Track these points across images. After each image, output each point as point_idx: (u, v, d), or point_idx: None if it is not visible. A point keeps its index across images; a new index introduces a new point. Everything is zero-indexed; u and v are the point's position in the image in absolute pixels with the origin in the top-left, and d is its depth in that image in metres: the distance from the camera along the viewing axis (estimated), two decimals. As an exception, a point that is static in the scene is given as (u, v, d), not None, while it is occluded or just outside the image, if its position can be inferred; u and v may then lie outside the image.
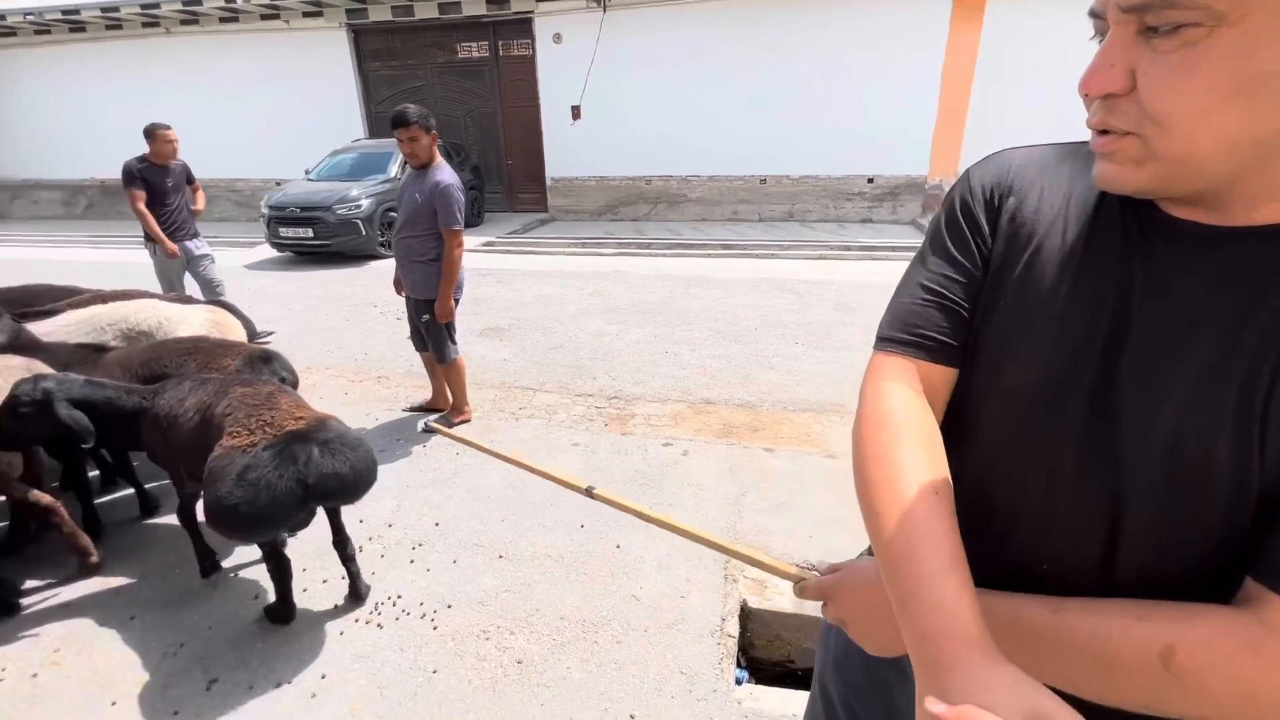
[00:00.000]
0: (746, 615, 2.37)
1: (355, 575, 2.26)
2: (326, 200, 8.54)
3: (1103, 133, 0.52)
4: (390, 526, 2.78)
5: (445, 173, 3.32)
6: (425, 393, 4.10)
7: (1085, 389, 0.56)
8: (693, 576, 2.45)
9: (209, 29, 12.63)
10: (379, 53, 12.51)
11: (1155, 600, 0.53)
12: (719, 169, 11.26)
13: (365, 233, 8.61)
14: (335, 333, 5.59)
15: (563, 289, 7.22)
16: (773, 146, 10.83)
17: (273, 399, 2.03)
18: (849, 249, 8.73)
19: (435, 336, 3.53)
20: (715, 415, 3.92)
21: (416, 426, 3.76)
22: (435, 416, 3.77)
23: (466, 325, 5.35)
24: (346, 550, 2.22)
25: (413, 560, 2.56)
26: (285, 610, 2.17)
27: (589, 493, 1.07)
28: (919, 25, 9.68)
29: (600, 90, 11.16)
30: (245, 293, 6.72)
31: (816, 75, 10.29)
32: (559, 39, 11.21)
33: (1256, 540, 0.51)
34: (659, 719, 1.87)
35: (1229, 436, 0.50)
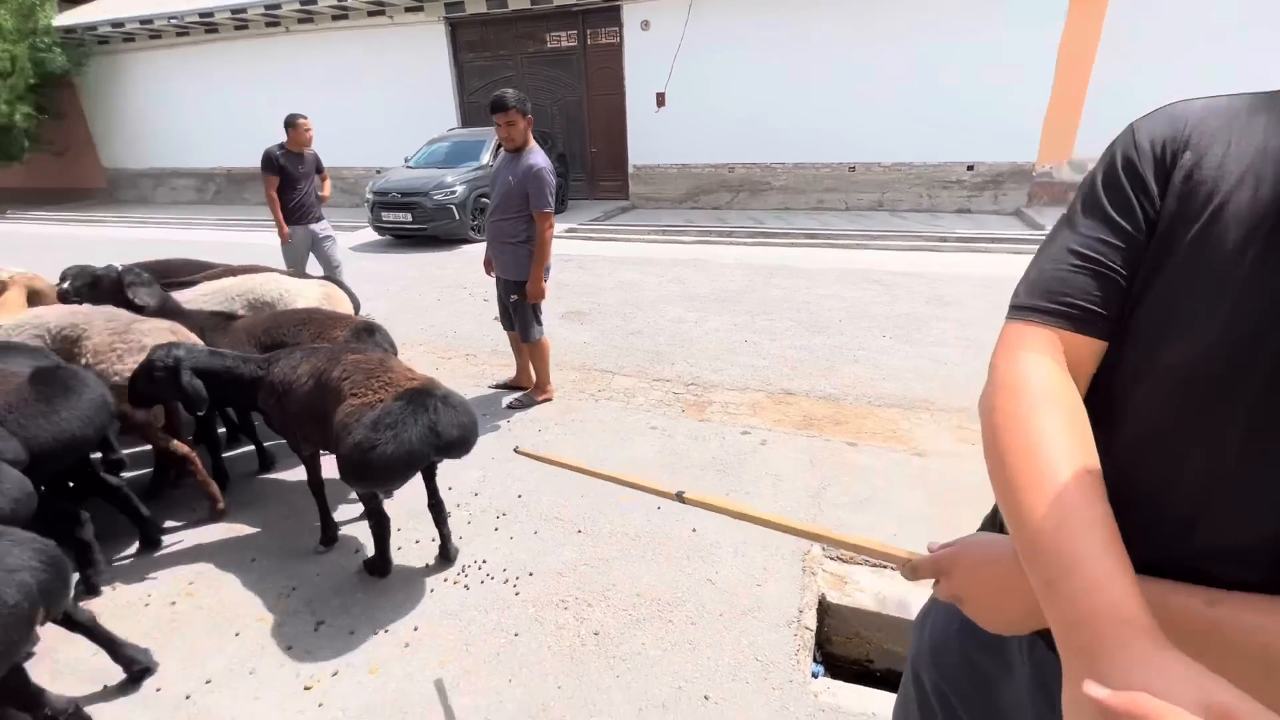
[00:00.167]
0: (824, 609, 2.32)
1: (446, 538, 2.39)
2: (424, 186, 9.00)
3: None
4: (476, 495, 2.92)
5: (538, 156, 3.40)
6: (510, 370, 4.24)
7: (1266, 365, 0.50)
8: (769, 566, 2.42)
9: (322, 26, 13.53)
10: (473, 44, 12.95)
11: None
12: (805, 156, 10.92)
13: (458, 217, 9.02)
14: (427, 312, 5.89)
15: (642, 275, 7.26)
16: (863, 133, 10.38)
17: (385, 363, 2.18)
18: (944, 240, 8.26)
19: (522, 316, 3.65)
20: (795, 406, 3.84)
21: (501, 403, 3.91)
22: (518, 396, 3.90)
23: (548, 308, 5.46)
24: (440, 512, 2.35)
25: (497, 528, 2.67)
26: (383, 565, 2.33)
27: (680, 498, 1.07)
28: (1034, -3, 8.95)
29: (685, 77, 11.07)
30: (348, 273, 7.19)
31: (915, 56, 9.74)
32: (646, 26, 11.20)
33: None
34: (733, 703, 1.87)
35: None
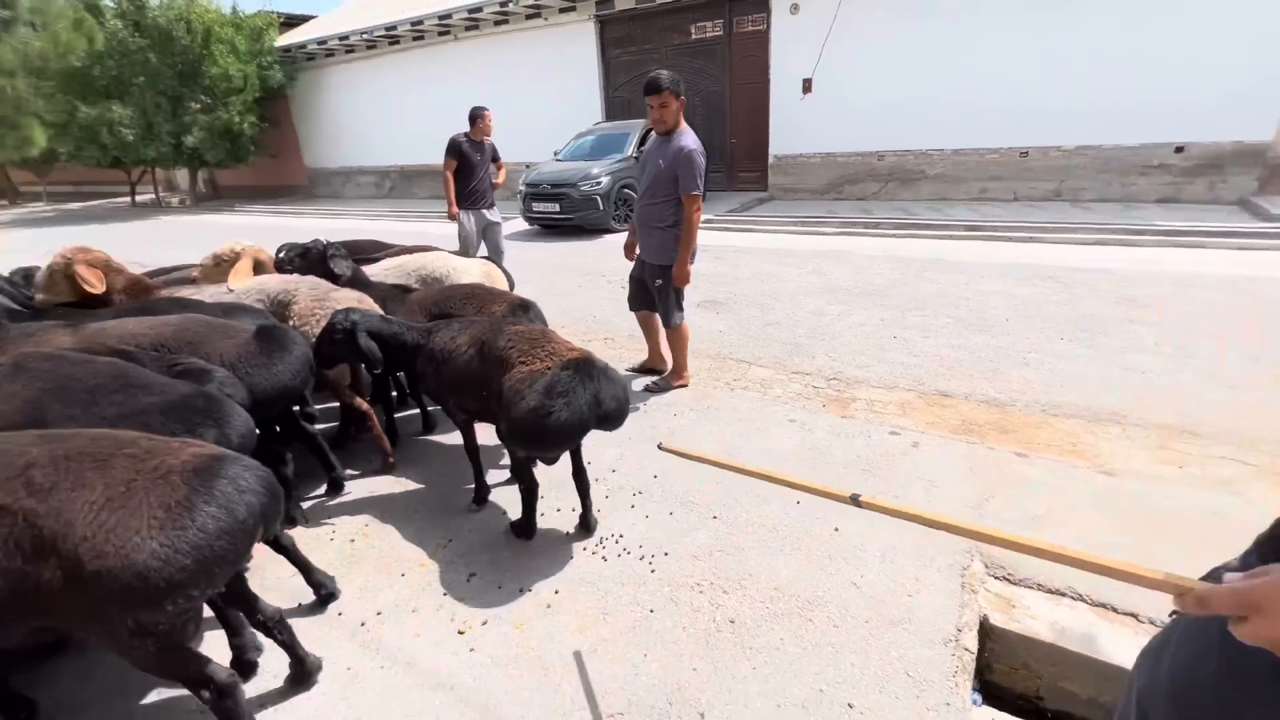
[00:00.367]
0: (986, 632, 2.08)
1: (588, 509, 2.46)
2: (572, 178, 9.42)
3: None
4: (614, 472, 2.98)
5: (689, 138, 3.38)
6: (645, 355, 4.29)
7: None
8: (922, 576, 2.22)
9: (485, 32, 14.60)
10: (620, 40, 13.29)
11: None
12: (966, 141, 9.96)
13: (602, 207, 9.35)
14: (569, 297, 6.14)
15: (780, 267, 7.03)
16: (1039, 112, 9.23)
17: (546, 335, 2.29)
18: (1140, 234, 7.13)
19: (665, 301, 3.66)
20: (952, 409, 3.50)
21: (635, 385, 3.96)
22: (655, 380, 3.93)
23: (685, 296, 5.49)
24: (584, 484, 2.42)
25: (633, 506, 2.71)
26: (529, 528, 2.45)
27: (855, 501, 0.98)
28: (1284, -59, 7.40)
29: (835, 61, 10.53)
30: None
31: (1107, 19, 8.47)
32: (796, 9, 10.79)
33: None
34: (879, 715, 1.73)
35: None
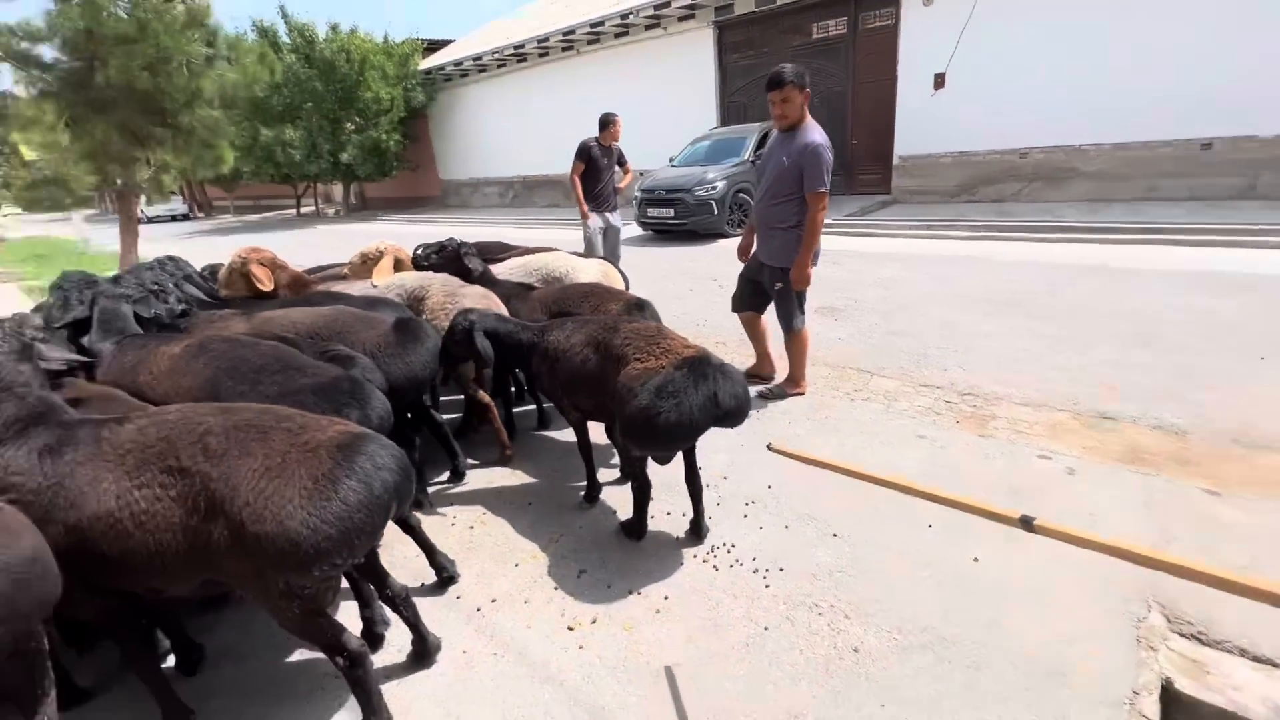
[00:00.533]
0: (1171, 699, 1.76)
1: (699, 515, 2.39)
2: (687, 183, 9.43)
3: None
4: (725, 479, 2.88)
5: (815, 132, 3.22)
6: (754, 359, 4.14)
7: None
8: (1083, 622, 1.93)
9: (606, 45, 15.06)
10: (738, 44, 13.16)
11: None
12: (1131, 134, 8.79)
13: (717, 212, 9.28)
14: (681, 300, 6.11)
15: (905, 273, 6.58)
16: (1229, 97, 7.93)
17: (662, 332, 2.25)
18: (1368, 236, 5.91)
19: (785, 305, 3.51)
20: (1116, 434, 3.05)
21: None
22: (770, 386, 3.78)
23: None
24: (697, 488, 2.35)
25: (745, 515, 2.60)
26: (639, 529, 2.42)
27: (1026, 524, 0.82)
28: None
29: (972, 53, 9.74)
30: (612, 263, 7.88)
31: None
32: (929, 0, 10.12)
33: None
34: (1034, 779, 1.50)
35: None
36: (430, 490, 2.99)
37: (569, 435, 3.39)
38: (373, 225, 18.41)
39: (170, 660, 1.98)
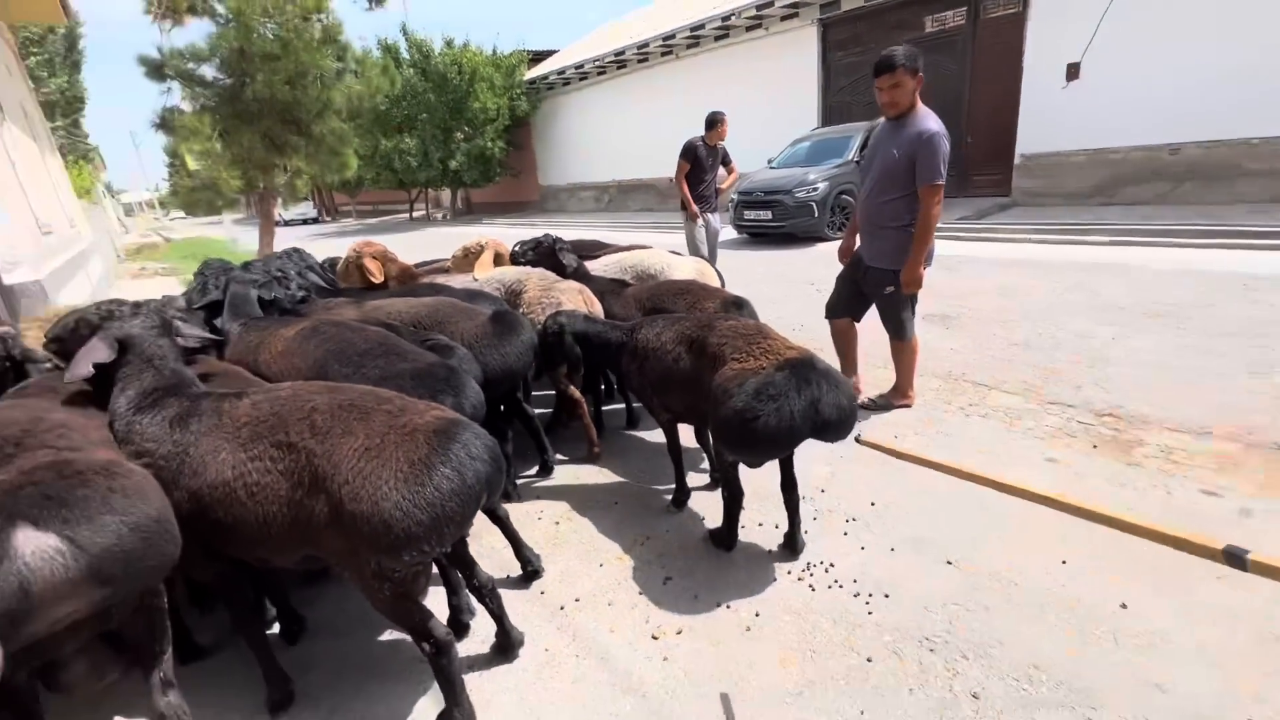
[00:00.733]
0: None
1: (795, 527, 2.23)
2: (786, 184, 9.15)
3: None
4: (823, 492, 2.69)
5: (930, 120, 2.95)
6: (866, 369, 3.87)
7: None
8: (1272, 692, 1.59)
9: (706, 48, 14.98)
10: (843, 42, 12.64)
11: None
12: (1316, 125, 7.56)
13: (817, 214, 8.93)
14: (775, 304, 5.88)
15: (1030, 280, 5.99)
16: None
17: (763, 331, 2.12)
18: None
19: (895, 310, 3.25)
20: (1306, 471, 2.56)
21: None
22: (869, 397, 3.52)
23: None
24: (794, 499, 2.19)
25: (846, 533, 2.40)
26: (729, 538, 2.29)
27: (1235, 559, 0.63)
28: None
29: (1113, 37, 8.78)
30: (705, 266, 7.75)
31: None
32: (1065, -16, 9.23)
33: None
34: None
35: None
36: (519, 483, 3.01)
37: (658, 436, 3.31)
38: (476, 228, 19.35)
39: (275, 628, 2.08)
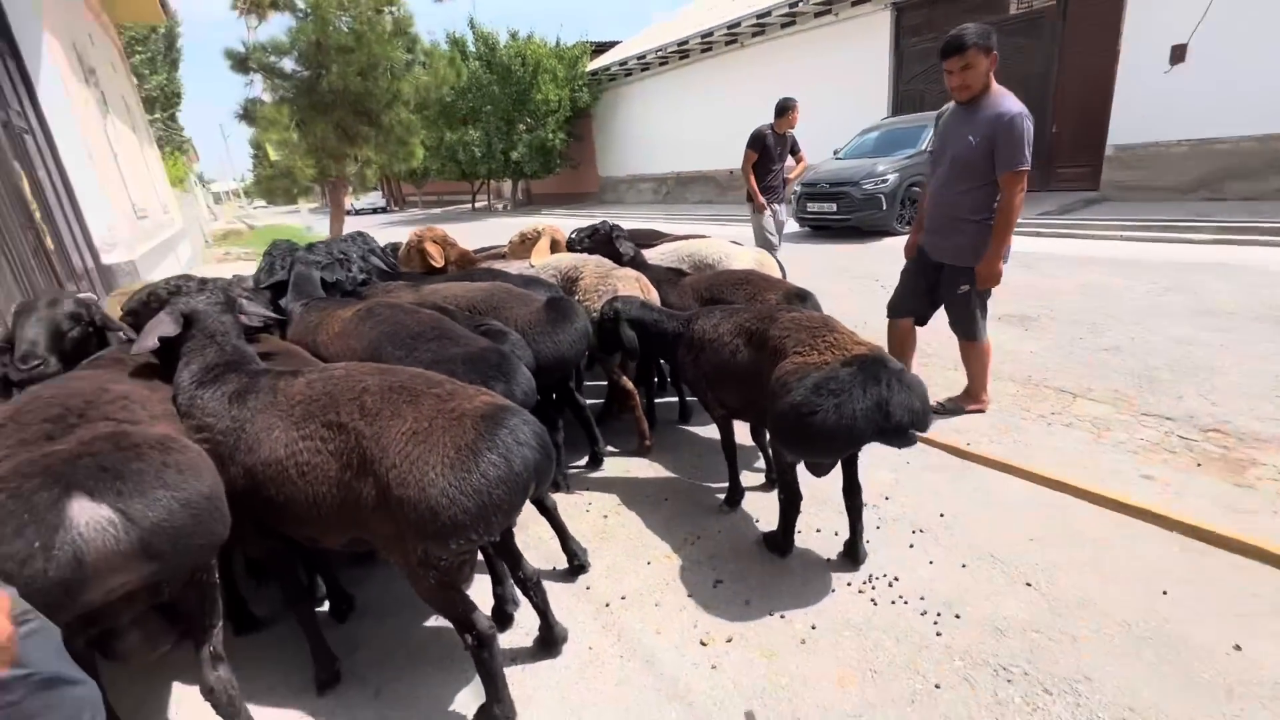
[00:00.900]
0: None
1: (857, 535, 2.08)
2: (854, 176, 8.79)
3: None
4: (887, 499, 2.52)
5: (1008, 100, 2.69)
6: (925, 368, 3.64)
7: None
8: None
9: (771, 36, 14.58)
10: (917, 28, 12.03)
11: None
12: None
13: (885, 207, 8.53)
14: (838, 300, 5.64)
15: (1121, 280, 5.53)
16: None
17: (829, 324, 1.98)
18: None
19: (968, 310, 3.01)
20: None
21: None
22: (938, 400, 3.29)
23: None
24: (856, 503, 2.05)
25: (912, 545, 2.23)
26: (785, 543, 2.17)
27: None
28: None
29: (1226, 15, 7.96)
30: (763, 259, 7.54)
31: None
32: (1172, -42, 8.44)
33: None
34: None
35: None
36: (568, 473, 2.97)
37: (711, 432, 3.20)
38: (536, 219, 19.62)
39: (325, 605, 2.11)
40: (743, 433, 2.79)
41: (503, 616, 1.96)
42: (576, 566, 2.18)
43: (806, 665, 1.75)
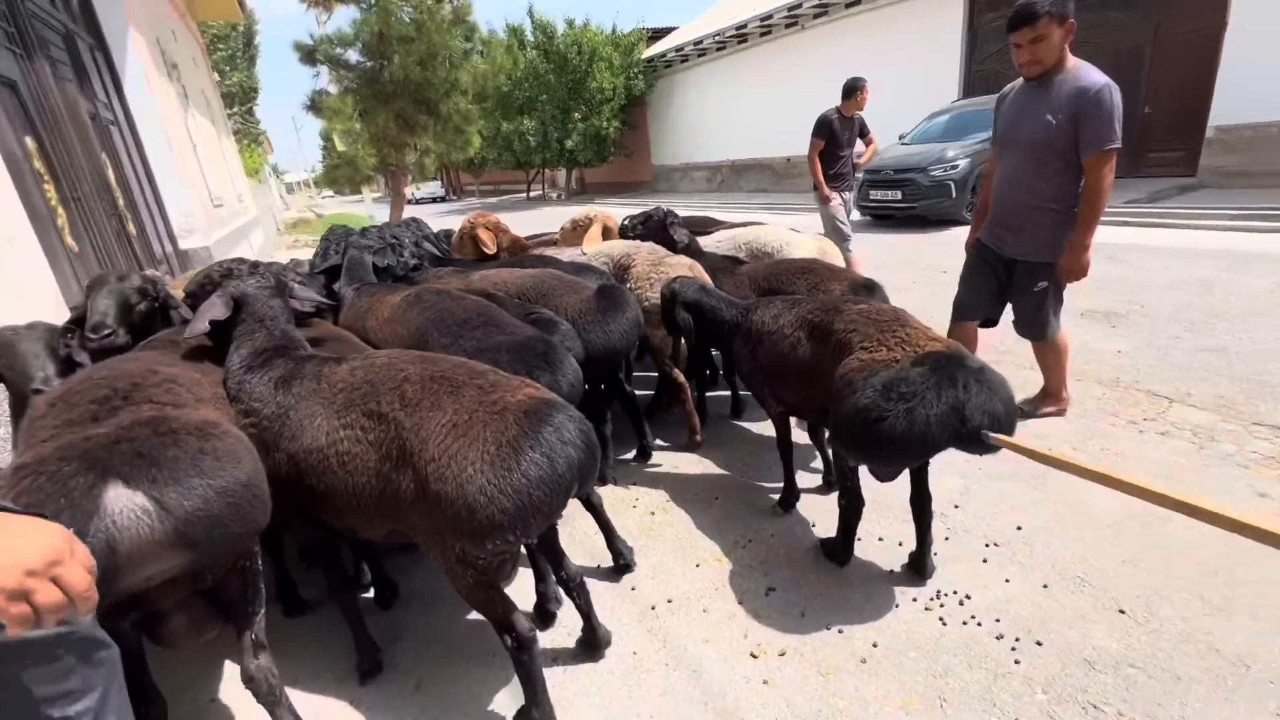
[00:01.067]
0: None
1: (925, 547, 1.92)
2: (921, 162, 8.34)
3: None
4: (956, 509, 2.33)
5: (1091, 72, 2.41)
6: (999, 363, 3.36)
7: None
8: None
9: (835, 16, 14.00)
10: (995, 3, 11.28)
11: None
12: None
13: (954, 195, 8.06)
14: (903, 292, 5.35)
15: (1225, 274, 5.02)
16: None
17: (901, 318, 1.81)
18: None
19: (1040, 309, 2.74)
20: None
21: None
22: (1018, 402, 3.03)
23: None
24: (925, 513, 1.88)
25: (985, 560, 2.05)
26: (844, 551, 2.02)
27: None
28: None
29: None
30: (821, 249, 7.24)
31: None
32: (1296, -86, 7.57)
33: None
34: None
35: None
36: (616, 464, 2.89)
37: (765, 428, 3.07)
38: (589, 207, 19.66)
39: (370, 593, 2.11)
40: (798, 429, 2.64)
41: (545, 615, 1.90)
42: (622, 565, 2.10)
43: (867, 687, 1.61)
